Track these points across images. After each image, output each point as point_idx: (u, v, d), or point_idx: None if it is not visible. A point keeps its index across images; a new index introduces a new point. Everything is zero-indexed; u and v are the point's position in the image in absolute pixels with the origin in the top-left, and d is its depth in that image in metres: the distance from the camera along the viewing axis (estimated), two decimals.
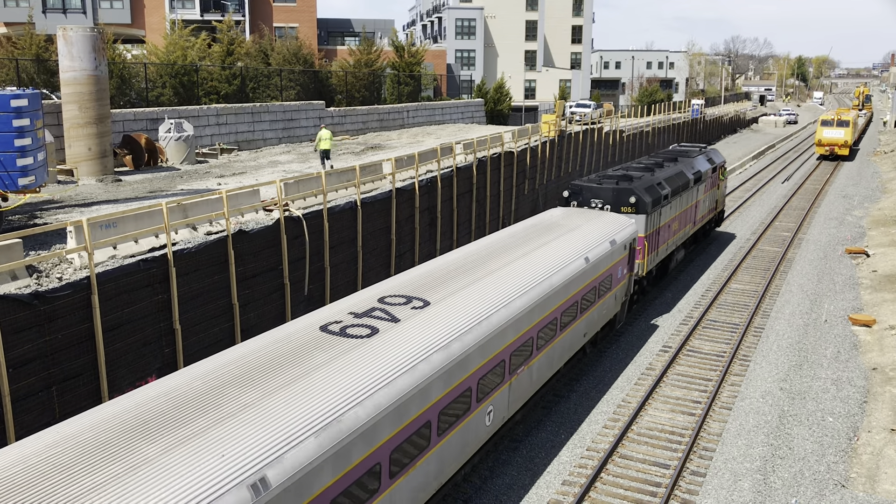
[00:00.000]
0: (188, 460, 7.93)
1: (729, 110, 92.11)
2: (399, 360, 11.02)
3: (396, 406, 10.37)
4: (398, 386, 10.54)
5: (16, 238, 12.37)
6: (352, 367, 10.50)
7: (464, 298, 13.62)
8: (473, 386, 12.64)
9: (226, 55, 40.54)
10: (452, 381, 11.87)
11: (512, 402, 14.65)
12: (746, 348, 21.85)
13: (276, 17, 60.12)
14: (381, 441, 10.10)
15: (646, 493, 14.38)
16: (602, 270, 18.98)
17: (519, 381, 14.77)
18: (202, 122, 32.87)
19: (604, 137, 46.05)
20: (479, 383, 12.80)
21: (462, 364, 12.12)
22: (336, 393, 9.81)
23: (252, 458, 8.25)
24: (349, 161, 30.05)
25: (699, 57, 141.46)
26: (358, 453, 9.60)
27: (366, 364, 10.66)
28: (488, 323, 13.13)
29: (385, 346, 11.31)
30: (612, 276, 20.13)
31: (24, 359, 12.07)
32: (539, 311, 15.10)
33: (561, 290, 16.19)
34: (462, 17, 78.80)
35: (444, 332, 12.16)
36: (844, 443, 16.33)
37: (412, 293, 13.63)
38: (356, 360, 10.71)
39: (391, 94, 52.11)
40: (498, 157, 31.43)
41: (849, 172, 60.16)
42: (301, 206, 19.56)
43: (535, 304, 14.81)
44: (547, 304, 15.49)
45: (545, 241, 18.22)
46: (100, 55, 23.06)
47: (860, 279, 28.61)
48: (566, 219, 20.87)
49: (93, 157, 23.46)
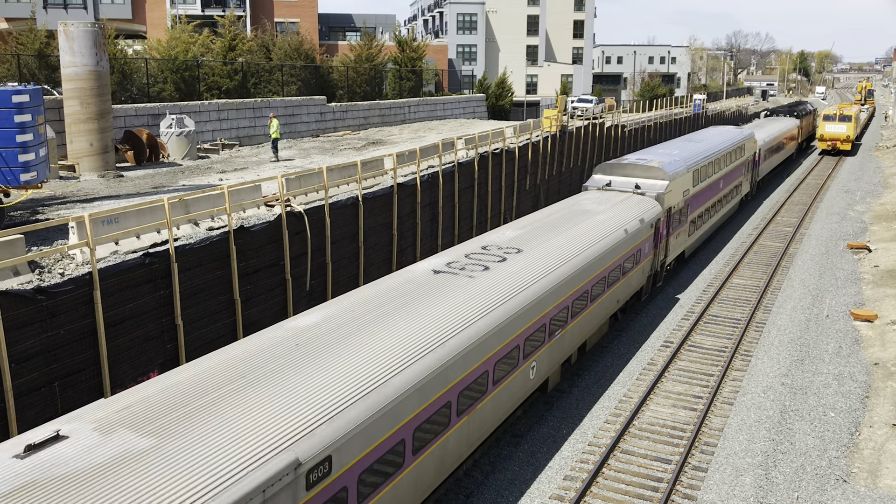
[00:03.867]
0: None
1: (731, 105, 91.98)
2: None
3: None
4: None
5: (18, 234, 12.38)
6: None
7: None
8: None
9: (227, 50, 40.50)
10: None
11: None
12: (748, 343, 21.84)
13: (277, 13, 60.04)
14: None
15: (648, 487, 14.40)
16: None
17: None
18: (203, 117, 32.86)
19: (605, 133, 45.99)
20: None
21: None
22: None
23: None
24: (350, 156, 30.04)
25: (701, 52, 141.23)
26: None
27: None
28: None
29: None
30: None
31: (27, 354, 12.09)
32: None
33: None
34: (463, 12, 78.70)
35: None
36: (846, 438, 16.33)
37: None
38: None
39: (392, 90, 52.05)
40: (499, 152, 31.40)
41: (851, 167, 60.06)
42: (303, 201, 19.57)
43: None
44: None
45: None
46: (101, 51, 23.04)
47: (862, 274, 28.59)
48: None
49: (94, 153, 23.47)
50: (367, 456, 9.62)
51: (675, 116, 62.63)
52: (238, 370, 9.84)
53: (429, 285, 13.96)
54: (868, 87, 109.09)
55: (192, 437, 8.12)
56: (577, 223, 19.75)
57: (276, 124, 29.09)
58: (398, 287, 13.82)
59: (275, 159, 29.03)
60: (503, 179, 31.96)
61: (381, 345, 11.11)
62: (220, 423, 8.42)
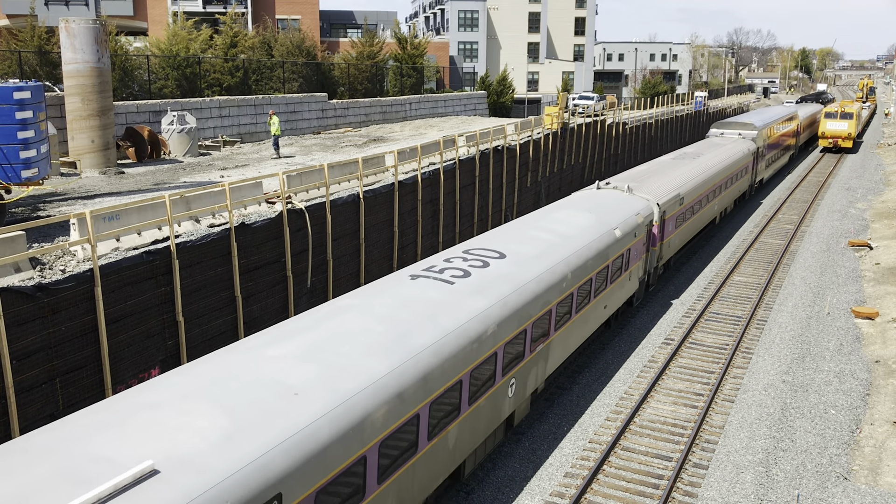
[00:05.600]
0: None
1: (732, 102, 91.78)
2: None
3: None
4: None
5: (19, 230, 12.39)
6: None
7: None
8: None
9: (228, 47, 40.46)
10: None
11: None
12: (749, 341, 21.84)
13: (278, 9, 59.96)
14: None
15: (648, 485, 14.41)
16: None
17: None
18: (205, 114, 32.84)
19: (607, 130, 45.95)
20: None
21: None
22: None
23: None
24: (351, 153, 30.03)
25: (702, 49, 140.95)
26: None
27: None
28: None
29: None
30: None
31: (28, 351, 12.10)
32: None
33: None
34: (465, 9, 78.60)
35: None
36: (847, 435, 16.33)
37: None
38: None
39: (394, 87, 52.01)
40: (501, 149, 31.38)
41: (852, 165, 59.99)
42: (304, 198, 19.57)
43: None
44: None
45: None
46: (102, 47, 23.03)
47: (863, 272, 28.57)
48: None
49: (95, 150, 23.46)
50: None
51: (676, 114, 62.53)
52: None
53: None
54: (869, 85, 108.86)
55: None
56: (715, 151, 36.08)
57: (276, 121, 29.10)
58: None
59: (276, 156, 29.05)
60: (504, 176, 31.95)
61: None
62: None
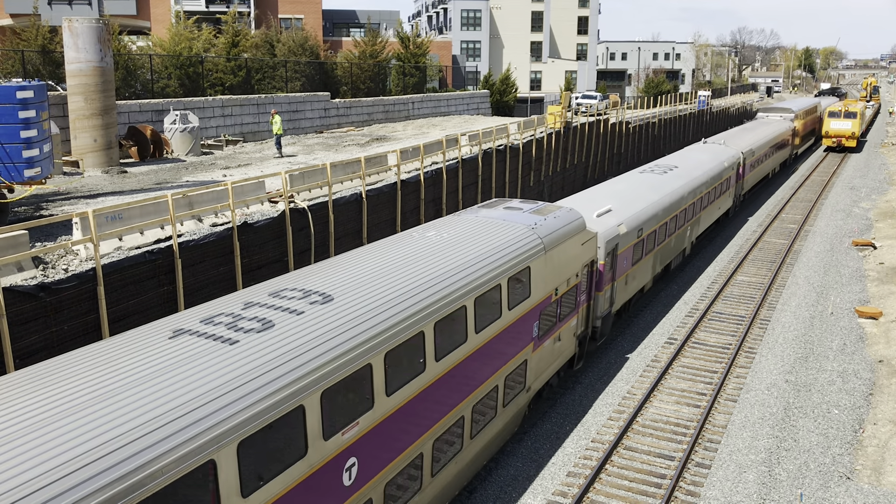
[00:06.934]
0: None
1: (735, 102, 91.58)
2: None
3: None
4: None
5: (22, 229, 12.39)
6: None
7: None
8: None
9: (231, 46, 40.48)
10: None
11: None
12: (752, 340, 21.80)
13: (281, 9, 59.96)
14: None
15: (651, 484, 14.39)
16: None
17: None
18: (207, 113, 32.86)
19: (610, 129, 45.89)
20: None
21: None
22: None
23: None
24: (354, 153, 30.02)
25: (706, 48, 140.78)
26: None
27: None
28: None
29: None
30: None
31: (31, 349, 12.11)
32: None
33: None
34: (468, 8, 78.51)
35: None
36: (850, 435, 16.29)
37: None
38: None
39: (396, 86, 51.98)
40: (503, 148, 31.36)
41: (856, 164, 59.85)
42: (306, 197, 19.56)
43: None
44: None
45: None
46: (105, 47, 23.04)
47: (867, 271, 28.50)
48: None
49: (98, 149, 23.48)
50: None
51: (679, 113, 62.44)
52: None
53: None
54: (873, 84, 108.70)
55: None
56: (767, 126, 46.90)
57: (278, 120, 29.12)
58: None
59: (278, 155, 29.06)
60: (507, 175, 31.92)
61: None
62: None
